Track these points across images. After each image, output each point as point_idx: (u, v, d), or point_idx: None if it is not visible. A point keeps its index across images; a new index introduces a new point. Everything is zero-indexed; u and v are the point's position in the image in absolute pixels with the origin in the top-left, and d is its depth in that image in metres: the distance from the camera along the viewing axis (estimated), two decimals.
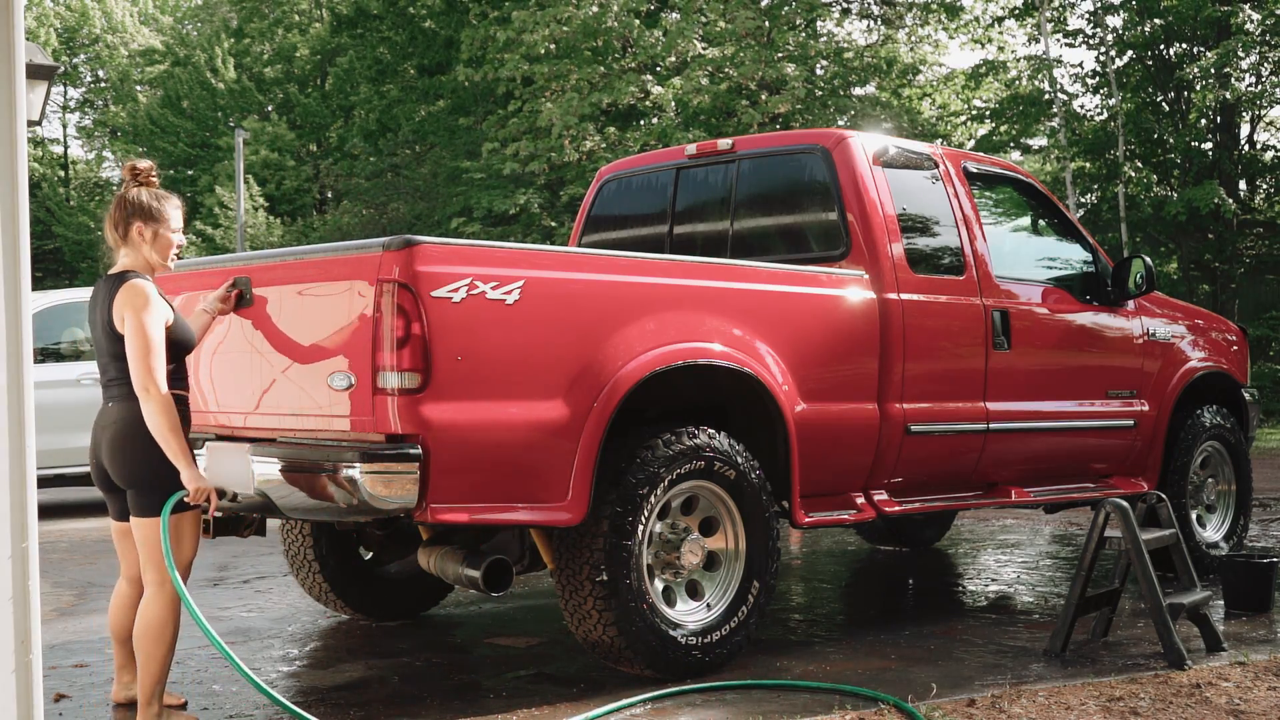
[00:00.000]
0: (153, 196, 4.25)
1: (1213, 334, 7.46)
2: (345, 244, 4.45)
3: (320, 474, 4.21)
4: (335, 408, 4.31)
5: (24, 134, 2.82)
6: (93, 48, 41.67)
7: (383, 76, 29.33)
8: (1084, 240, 6.86)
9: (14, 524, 2.78)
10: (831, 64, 23.30)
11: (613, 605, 4.55)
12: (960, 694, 4.55)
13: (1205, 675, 4.82)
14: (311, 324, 4.44)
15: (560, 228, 21.75)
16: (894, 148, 5.98)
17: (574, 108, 20.17)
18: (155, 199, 4.25)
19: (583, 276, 4.64)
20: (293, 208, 34.38)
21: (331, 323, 4.35)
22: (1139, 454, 6.86)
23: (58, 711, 4.49)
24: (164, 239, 4.23)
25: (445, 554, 4.79)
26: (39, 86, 10.90)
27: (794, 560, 8.08)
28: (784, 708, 4.38)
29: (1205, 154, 23.37)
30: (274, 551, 8.23)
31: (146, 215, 4.21)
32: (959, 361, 5.87)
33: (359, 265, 4.26)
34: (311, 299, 4.46)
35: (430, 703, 4.56)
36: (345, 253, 4.39)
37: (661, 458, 4.68)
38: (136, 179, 4.27)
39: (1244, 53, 21.53)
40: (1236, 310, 23.02)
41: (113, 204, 4.26)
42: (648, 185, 6.59)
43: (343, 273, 4.33)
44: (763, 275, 5.26)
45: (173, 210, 4.27)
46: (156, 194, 4.27)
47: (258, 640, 5.70)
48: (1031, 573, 7.42)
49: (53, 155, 40.96)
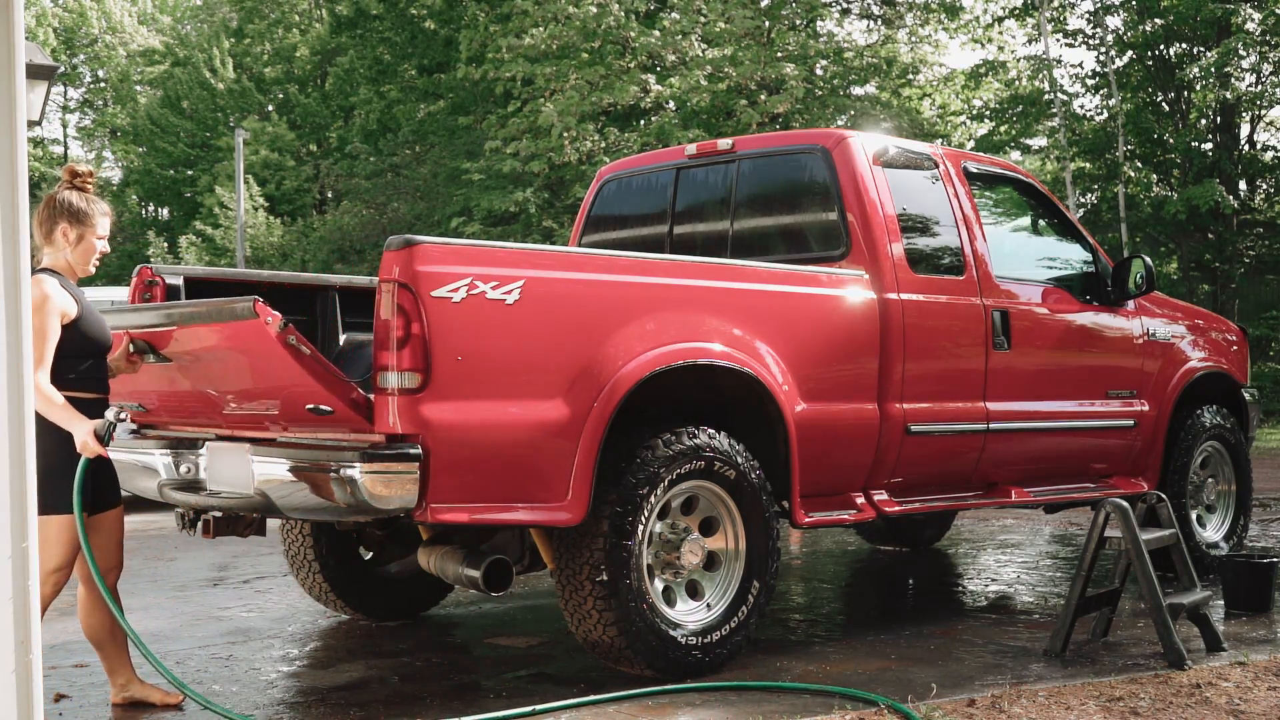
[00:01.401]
0: (83, 200, 4.30)
1: (1213, 334, 7.46)
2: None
3: (320, 474, 4.21)
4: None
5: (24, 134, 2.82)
6: (92, 48, 41.69)
7: (383, 76, 29.33)
8: (1084, 240, 6.86)
9: (14, 524, 2.78)
10: (831, 64, 23.29)
11: (613, 605, 4.55)
12: (960, 694, 4.54)
13: (1205, 675, 4.82)
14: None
15: (560, 228, 21.74)
16: (894, 148, 5.98)
17: (573, 107, 20.16)
18: (85, 203, 4.30)
19: (583, 276, 4.64)
20: (293, 208, 34.39)
21: None
22: (1139, 454, 6.86)
23: (58, 711, 4.49)
24: (88, 244, 4.28)
25: (445, 554, 4.79)
26: (39, 86, 10.90)
27: (794, 560, 8.08)
28: (784, 708, 4.38)
29: (1205, 154, 23.36)
30: (274, 551, 8.23)
31: (73, 217, 4.26)
32: (959, 361, 5.87)
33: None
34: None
35: (430, 703, 4.56)
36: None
37: (661, 458, 4.68)
38: (73, 182, 4.32)
39: (1244, 53, 21.53)
40: (1236, 310, 23.02)
41: (42, 203, 4.30)
42: (648, 185, 6.59)
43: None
44: (763, 275, 5.26)
45: (100, 217, 4.32)
46: (87, 198, 4.31)
47: (258, 640, 5.70)
48: (1031, 573, 7.42)
49: (53, 155, 40.98)
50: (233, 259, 29.63)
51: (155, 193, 38.16)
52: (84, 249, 4.29)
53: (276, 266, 29.00)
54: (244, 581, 7.33)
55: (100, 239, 4.32)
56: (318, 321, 5.80)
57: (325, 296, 5.80)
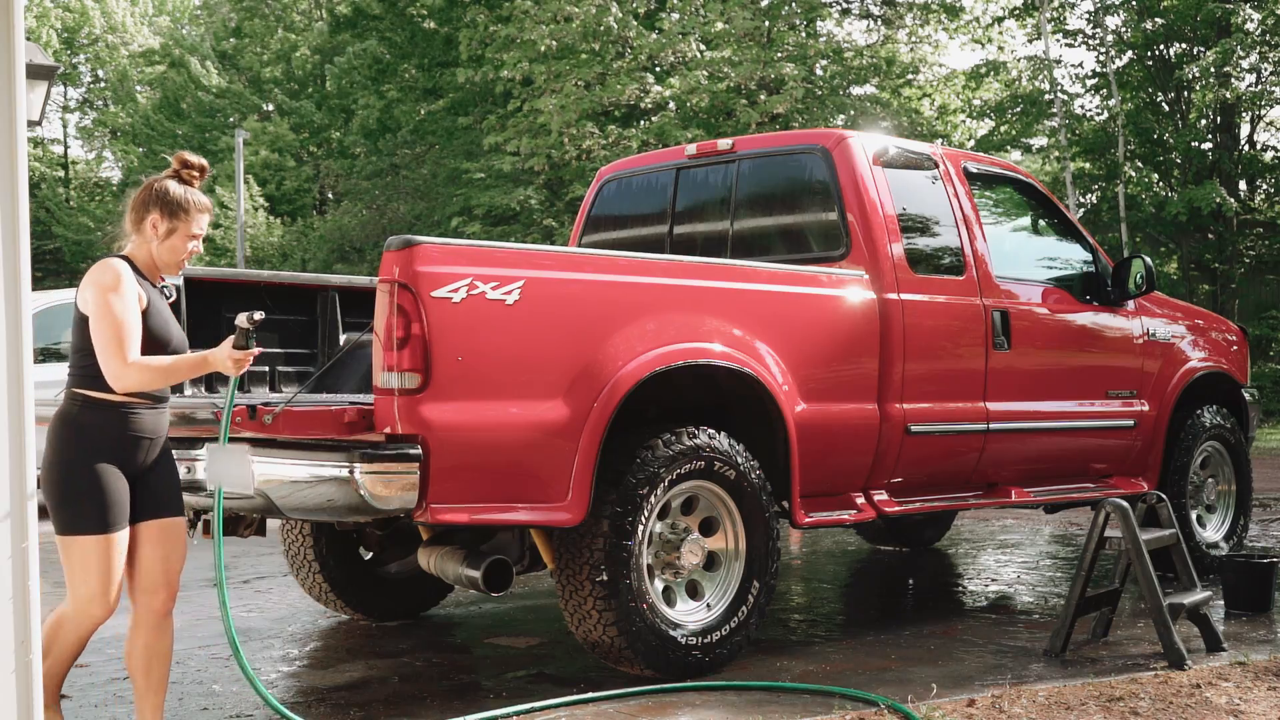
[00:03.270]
0: (183, 191, 3.82)
1: (1213, 334, 7.46)
2: None
3: (320, 474, 4.21)
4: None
5: (24, 134, 2.82)
6: (92, 48, 41.66)
7: (383, 76, 29.33)
8: (1084, 240, 6.86)
9: (14, 524, 2.78)
10: (831, 64, 23.29)
11: (613, 605, 4.55)
12: (960, 694, 4.55)
13: (1205, 675, 4.82)
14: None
15: (560, 227, 21.73)
16: (894, 148, 5.98)
17: (573, 103, 20.16)
18: (184, 194, 3.82)
19: (583, 277, 4.64)
20: (293, 208, 34.38)
21: None
22: (1139, 454, 6.86)
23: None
24: (178, 241, 3.79)
25: (445, 554, 4.79)
26: (39, 86, 10.89)
27: (794, 560, 8.08)
28: (784, 708, 4.38)
29: (1205, 154, 23.36)
30: (274, 551, 8.23)
31: (166, 208, 3.78)
32: (959, 361, 5.87)
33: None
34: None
35: (430, 703, 4.56)
36: None
37: (661, 458, 4.68)
38: (180, 171, 3.88)
39: (1244, 52, 21.52)
40: (1236, 310, 23.00)
41: (140, 188, 3.88)
42: (648, 185, 6.59)
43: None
44: (763, 275, 5.26)
45: (198, 213, 3.83)
46: (188, 191, 3.83)
47: (258, 640, 5.70)
48: (1031, 573, 7.42)
49: (53, 155, 40.96)
50: (233, 259, 29.65)
51: None
52: (172, 246, 3.78)
53: (276, 266, 29.01)
54: (244, 581, 7.33)
55: (193, 239, 3.81)
56: (318, 321, 5.80)
57: (325, 296, 5.80)
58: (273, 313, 4.94)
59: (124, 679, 4.98)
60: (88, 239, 34.14)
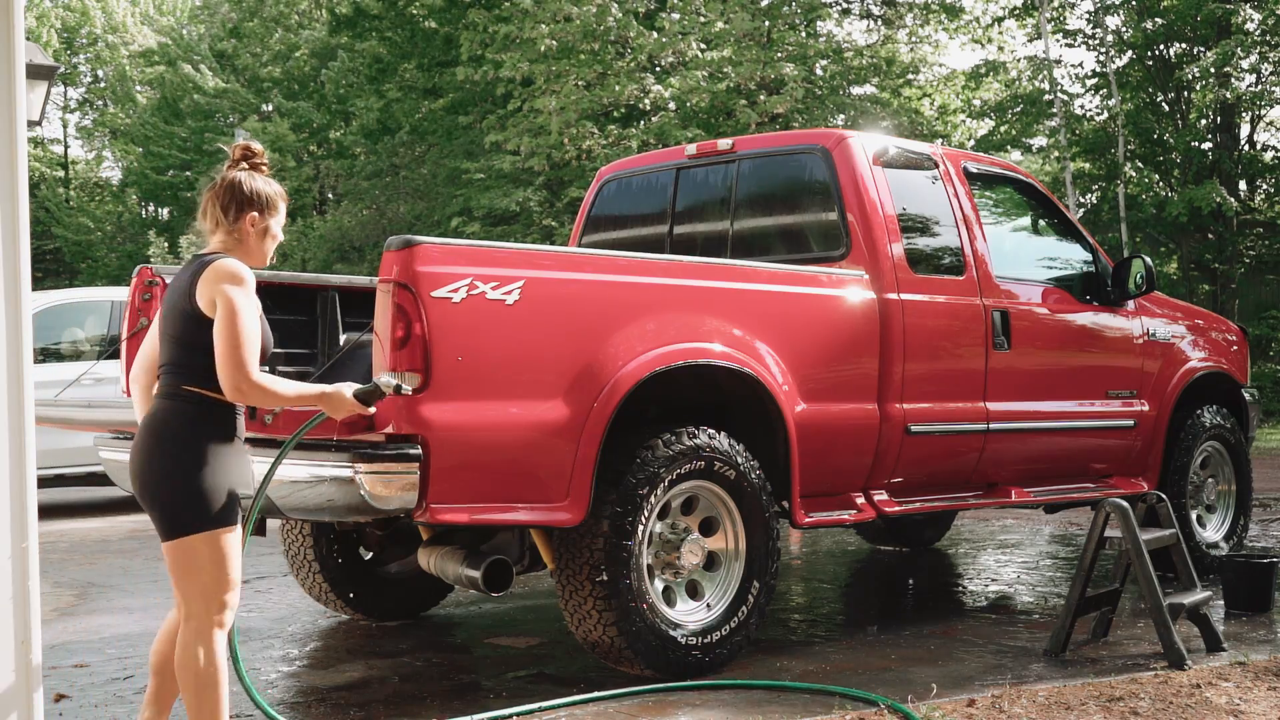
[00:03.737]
0: (268, 184, 3.70)
1: (1213, 334, 7.46)
2: None
3: (320, 474, 4.21)
4: None
5: (24, 134, 2.82)
6: (93, 48, 41.67)
7: (382, 76, 29.32)
8: (1084, 240, 6.86)
9: (14, 524, 2.78)
10: (831, 64, 23.28)
11: (613, 605, 4.55)
12: (960, 694, 4.55)
13: (1205, 675, 4.82)
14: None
15: (560, 228, 21.72)
16: (894, 148, 5.98)
17: (573, 103, 20.17)
18: (269, 187, 3.70)
19: (583, 277, 4.65)
20: (292, 208, 34.37)
21: None
22: (1139, 454, 6.86)
23: (58, 711, 4.49)
24: (273, 235, 3.72)
25: (445, 554, 4.79)
26: (39, 86, 10.90)
27: (794, 560, 8.08)
28: (784, 708, 4.38)
29: (1205, 154, 23.35)
30: (274, 551, 8.23)
31: (263, 206, 3.66)
32: (959, 361, 5.87)
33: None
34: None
35: (430, 703, 4.56)
36: None
37: (661, 458, 4.68)
38: (251, 163, 3.72)
39: (1244, 53, 21.51)
40: (1236, 310, 22.99)
41: (221, 185, 3.70)
42: (648, 185, 6.59)
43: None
44: (763, 275, 5.26)
45: (282, 203, 3.74)
46: (271, 183, 3.73)
47: (258, 640, 5.70)
48: (1031, 573, 7.42)
49: (53, 155, 40.96)
50: None
51: (155, 193, 38.17)
52: (270, 240, 3.70)
53: (276, 266, 28.98)
54: (244, 582, 7.32)
55: (280, 226, 3.74)
56: (318, 321, 5.80)
57: (325, 296, 5.80)
58: (273, 312, 4.94)
59: (124, 679, 4.99)
60: (87, 239, 34.14)
